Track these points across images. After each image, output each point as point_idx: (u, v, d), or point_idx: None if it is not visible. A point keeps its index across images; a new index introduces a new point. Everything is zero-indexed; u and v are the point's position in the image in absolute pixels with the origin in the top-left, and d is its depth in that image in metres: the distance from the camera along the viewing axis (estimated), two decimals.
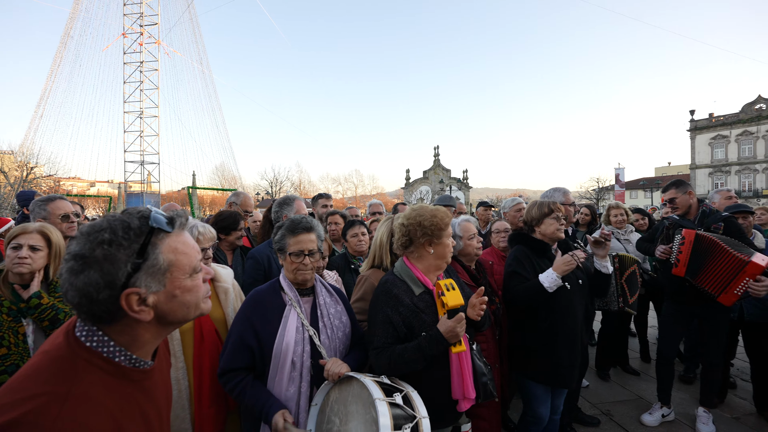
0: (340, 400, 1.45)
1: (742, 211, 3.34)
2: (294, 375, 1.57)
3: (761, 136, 37.91)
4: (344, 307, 1.79)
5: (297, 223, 1.67)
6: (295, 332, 1.59)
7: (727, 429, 3.08)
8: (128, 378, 0.79)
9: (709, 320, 3.01)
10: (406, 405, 1.31)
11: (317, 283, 1.75)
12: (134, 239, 0.74)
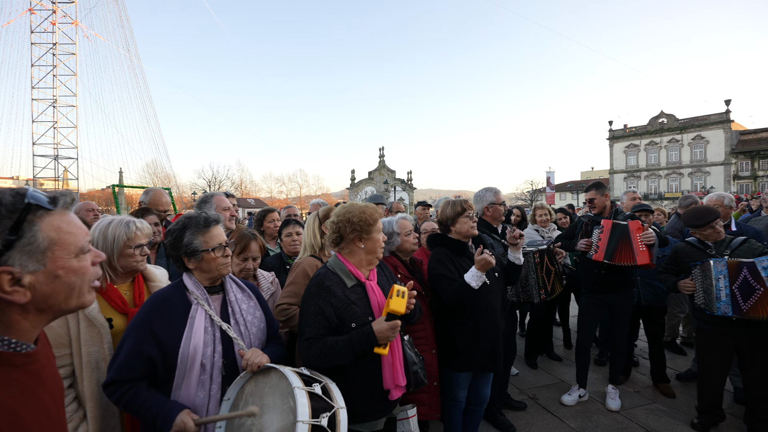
0: (255, 392, 1.42)
1: (643, 209, 3.84)
2: (204, 378, 1.47)
3: (663, 146, 43.21)
4: (257, 302, 1.74)
5: (205, 218, 1.58)
6: (204, 332, 1.49)
7: (631, 401, 3.49)
8: (12, 364, 0.73)
9: (616, 307, 3.39)
10: (324, 396, 1.33)
11: (226, 279, 1.67)
12: (6, 215, 0.70)
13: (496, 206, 3.17)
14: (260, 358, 1.46)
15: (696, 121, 41.25)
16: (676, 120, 42.68)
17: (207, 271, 1.57)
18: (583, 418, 3.26)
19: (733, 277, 2.79)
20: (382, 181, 35.01)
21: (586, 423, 3.19)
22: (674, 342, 4.77)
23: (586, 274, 3.51)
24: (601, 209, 3.48)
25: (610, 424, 3.16)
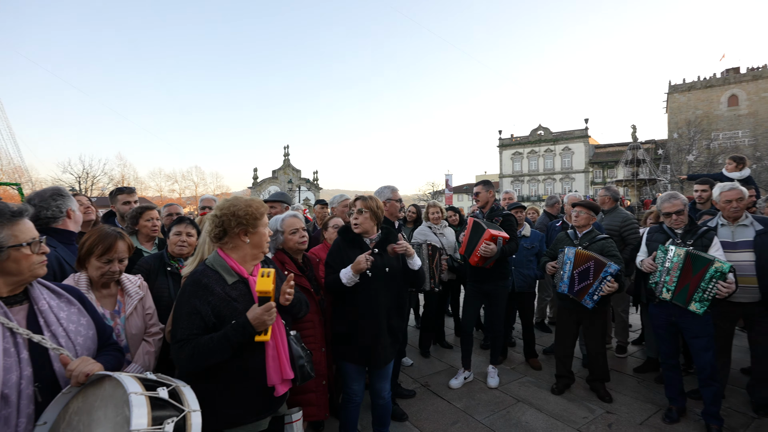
0: (83, 408, 1.21)
1: (516, 207, 4.36)
2: (7, 413, 1.18)
3: (541, 154, 49.84)
4: (82, 307, 1.48)
5: (10, 208, 1.31)
6: (2, 355, 1.19)
7: (507, 377, 3.93)
8: None
9: (492, 295, 3.77)
10: (173, 399, 1.20)
11: (33, 284, 1.38)
12: None
13: (393, 202, 3.31)
14: (89, 366, 1.25)
15: (565, 134, 48.44)
16: (551, 133, 49.57)
17: (15, 273, 1.28)
18: (467, 398, 3.56)
19: (577, 264, 3.33)
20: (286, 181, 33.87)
21: (470, 402, 3.49)
22: (543, 322, 5.52)
23: (467, 265, 3.86)
24: (484, 203, 3.85)
25: (489, 400, 3.51)
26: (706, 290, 2.75)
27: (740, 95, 41.63)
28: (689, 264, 2.83)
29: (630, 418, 3.18)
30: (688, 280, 2.83)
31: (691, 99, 43.78)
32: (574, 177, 47.03)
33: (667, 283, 2.93)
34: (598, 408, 3.33)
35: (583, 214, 3.51)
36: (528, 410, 3.33)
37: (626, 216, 4.33)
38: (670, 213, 3.06)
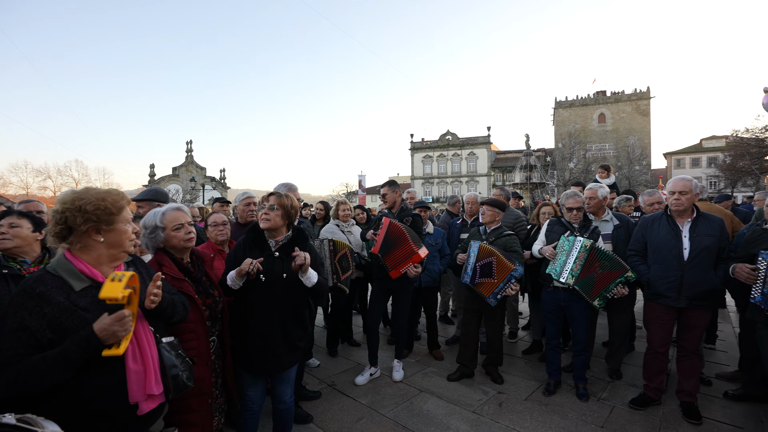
0: None
1: (422, 206, 4.52)
2: None
3: (449, 158, 53.21)
4: None
5: None
6: None
7: (412, 370, 4.07)
8: None
9: (398, 292, 3.87)
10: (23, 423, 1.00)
11: None
12: None
13: None
14: None
15: (470, 140, 52.38)
16: (458, 138, 53.16)
17: None
18: (373, 393, 3.59)
19: (480, 257, 3.57)
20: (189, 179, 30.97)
21: (375, 397, 3.52)
22: (446, 315, 5.84)
23: (374, 263, 3.90)
24: (391, 204, 3.92)
25: (394, 393, 3.58)
26: (609, 291, 3.14)
27: (607, 114, 49.30)
28: (595, 257, 3.15)
29: (517, 395, 3.51)
30: (592, 272, 3.15)
31: (572, 114, 50.61)
32: (478, 180, 51.09)
33: (573, 270, 3.19)
34: (491, 390, 3.62)
35: (488, 211, 3.77)
36: (430, 399, 3.47)
37: (518, 214, 4.82)
38: (572, 208, 3.45)
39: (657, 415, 3.12)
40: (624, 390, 3.54)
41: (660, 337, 3.14)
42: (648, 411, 3.18)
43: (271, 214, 2.31)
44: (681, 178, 3.02)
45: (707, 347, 4.42)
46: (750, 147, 30.95)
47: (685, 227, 3.00)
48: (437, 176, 53.88)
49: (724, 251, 2.88)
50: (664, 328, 3.11)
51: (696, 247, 2.90)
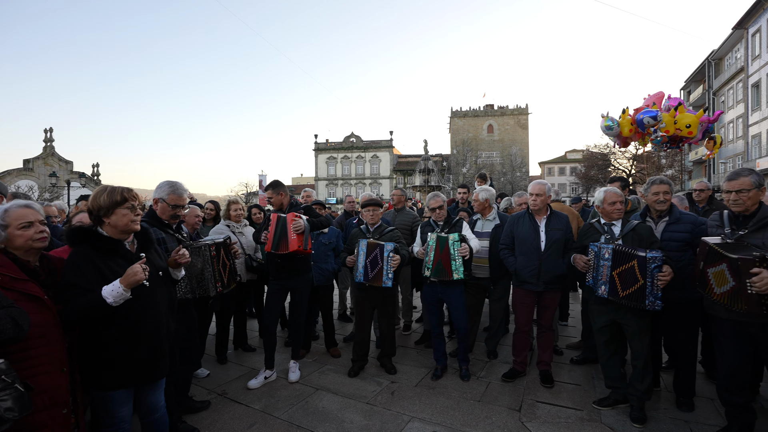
0: None
1: (317, 203, 4.56)
2: None
3: (353, 160, 53.93)
4: None
5: None
6: None
7: (309, 370, 4.05)
8: None
9: (295, 290, 3.84)
10: None
11: None
12: None
13: (164, 203, 2.89)
14: None
15: (373, 143, 53.81)
16: (362, 141, 54.17)
17: None
18: (267, 397, 3.48)
19: (368, 253, 3.72)
20: (47, 173, 25.95)
21: (270, 400, 3.42)
22: (345, 313, 5.94)
23: (270, 262, 3.81)
24: (278, 206, 3.84)
25: (290, 395, 3.53)
26: (456, 258, 3.51)
27: (494, 125, 55.19)
28: (438, 245, 3.55)
29: (408, 382, 3.74)
30: (439, 257, 3.54)
31: (465, 124, 55.45)
32: (381, 182, 52.73)
33: (428, 263, 3.58)
34: (385, 380, 3.79)
35: (368, 212, 3.94)
36: (326, 396, 3.50)
37: (414, 215, 5.19)
38: (434, 208, 3.78)
39: (522, 385, 3.63)
40: (499, 367, 4.02)
41: (525, 318, 3.66)
42: (516, 382, 3.68)
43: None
44: (537, 182, 3.58)
45: (562, 324, 5.27)
46: (598, 160, 37.77)
47: (542, 223, 3.55)
48: (341, 178, 54.17)
49: (568, 243, 3.49)
50: (528, 310, 3.64)
51: (550, 240, 3.46)
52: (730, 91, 28.96)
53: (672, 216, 3.15)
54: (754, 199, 2.49)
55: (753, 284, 2.18)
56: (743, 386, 2.66)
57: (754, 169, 2.57)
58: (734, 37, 27.44)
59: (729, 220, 2.60)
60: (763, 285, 2.15)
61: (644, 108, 8.40)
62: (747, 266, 2.22)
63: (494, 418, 3.08)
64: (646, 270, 2.73)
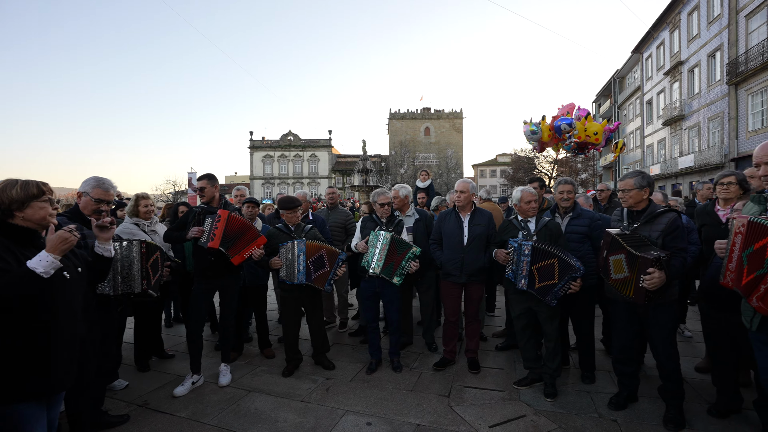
0: None
1: (250, 201, 4.43)
2: None
3: (291, 159, 52.67)
4: None
5: None
6: None
7: (241, 372, 3.91)
8: None
9: (225, 290, 3.71)
10: None
11: None
12: None
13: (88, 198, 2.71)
14: None
15: (312, 142, 53.00)
16: (300, 139, 53.07)
17: None
18: (195, 403, 3.31)
19: (309, 254, 3.69)
20: None
21: (198, 407, 3.26)
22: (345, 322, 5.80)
23: (198, 261, 3.63)
24: (210, 198, 3.69)
25: (220, 399, 3.39)
26: (404, 268, 3.63)
27: (431, 128, 57.14)
28: (394, 247, 3.63)
29: (344, 377, 3.78)
30: (393, 260, 3.64)
31: (403, 126, 56.71)
32: (319, 182, 52.10)
33: (378, 260, 3.64)
34: (320, 377, 3.80)
35: (288, 214, 3.90)
36: (259, 397, 3.42)
37: (348, 213, 5.23)
38: (383, 204, 3.86)
39: (452, 372, 3.85)
40: (431, 358, 4.21)
41: (452, 309, 3.89)
42: (446, 370, 3.89)
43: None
44: (462, 180, 3.84)
45: (489, 315, 5.66)
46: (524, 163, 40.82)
47: (465, 219, 3.80)
48: (278, 177, 52.59)
49: (491, 238, 3.77)
50: (454, 301, 3.87)
51: (472, 235, 3.72)
52: (631, 106, 32.99)
53: (575, 212, 3.57)
54: (635, 197, 2.89)
55: (646, 280, 2.51)
56: (632, 358, 3.11)
57: (642, 172, 2.98)
58: (632, 59, 31.31)
59: (627, 215, 3.00)
60: (653, 283, 2.48)
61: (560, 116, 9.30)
62: (645, 264, 2.52)
63: (425, 405, 3.23)
64: (566, 275, 3.04)
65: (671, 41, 24.80)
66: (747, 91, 17.70)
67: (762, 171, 2.01)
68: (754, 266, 1.85)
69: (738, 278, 1.94)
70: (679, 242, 2.72)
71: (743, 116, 18.13)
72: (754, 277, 1.85)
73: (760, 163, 2.01)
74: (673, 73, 24.58)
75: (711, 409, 2.99)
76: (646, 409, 3.09)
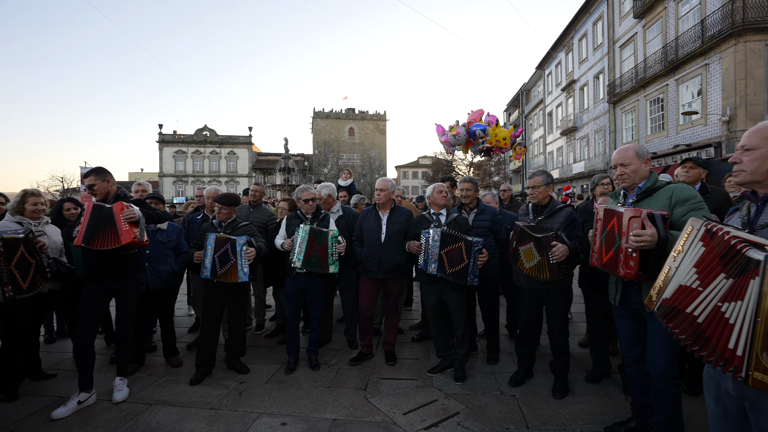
0: None
1: (153, 197, 4.06)
2: None
3: (207, 156, 49.02)
4: None
5: None
6: None
7: (141, 385, 3.54)
8: None
9: (120, 294, 3.33)
10: None
11: None
12: None
13: None
14: None
15: (230, 139, 49.91)
16: (217, 135, 49.62)
17: None
18: (81, 425, 2.91)
19: (217, 248, 3.50)
20: None
21: (84, 428, 2.87)
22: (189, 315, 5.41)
23: (86, 262, 3.25)
24: (103, 196, 3.28)
25: (113, 417, 3.02)
26: (333, 253, 3.65)
27: (355, 129, 57.44)
28: (312, 238, 3.60)
29: (259, 380, 3.63)
30: (315, 251, 3.60)
31: (328, 125, 56.18)
32: (239, 180, 49.28)
33: (298, 254, 3.58)
34: (232, 382, 3.60)
35: (224, 210, 3.71)
36: (161, 410, 3.13)
37: (270, 212, 5.06)
38: (308, 200, 3.81)
39: (369, 366, 3.92)
40: (351, 354, 4.23)
41: (367, 304, 3.96)
42: (363, 364, 3.95)
43: None
44: (382, 179, 3.95)
45: (407, 309, 5.88)
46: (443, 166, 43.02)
47: (384, 217, 3.91)
48: (192, 174, 48.56)
49: (408, 234, 3.92)
50: (370, 296, 3.95)
51: (390, 232, 3.84)
52: (535, 117, 36.68)
53: (479, 208, 3.88)
54: (543, 193, 3.25)
55: (553, 254, 2.87)
56: (534, 339, 3.49)
57: (546, 171, 3.36)
58: (537, 75, 34.86)
59: (532, 210, 3.33)
60: (560, 254, 2.86)
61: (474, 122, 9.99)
62: (548, 241, 2.90)
63: (342, 400, 3.25)
64: (471, 252, 3.29)
65: (567, 62, 28.12)
66: (622, 109, 20.79)
67: (618, 171, 2.40)
68: (610, 244, 2.22)
69: (600, 257, 2.30)
70: (576, 231, 3.13)
71: (620, 130, 21.25)
72: (613, 253, 2.19)
73: (616, 165, 2.40)
74: (568, 90, 27.87)
75: (588, 376, 3.50)
76: (539, 382, 3.47)
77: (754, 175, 1.47)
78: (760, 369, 1.14)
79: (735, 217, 1.59)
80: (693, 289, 1.38)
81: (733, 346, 1.20)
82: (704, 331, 1.30)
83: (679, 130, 16.28)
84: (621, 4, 20.61)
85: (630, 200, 2.40)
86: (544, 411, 3.02)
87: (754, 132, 1.49)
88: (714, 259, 1.33)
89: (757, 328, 1.14)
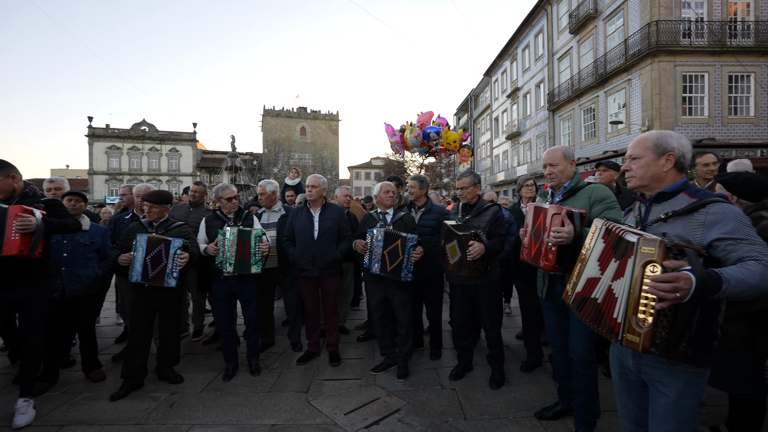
0: None
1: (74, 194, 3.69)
2: None
3: (145, 153, 45.70)
4: None
5: None
6: None
7: (52, 404, 3.19)
8: None
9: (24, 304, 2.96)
10: None
11: None
12: None
13: None
14: None
15: (173, 135, 46.91)
16: (157, 131, 46.40)
17: None
18: None
19: (150, 249, 3.26)
20: None
21: None
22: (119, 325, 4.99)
23: None
24: (8, 193, 2.92)
25: None
26: (256, 253, 3.52)
27: (307, 128, 56.43)
28: (240, 239, 3.46)
29: (193, 390, 3.42)
30: (243, 252, 3.47)
31: (278, 124, 54.69)
32: (181, 179, 46.47)
33: (229, 258, 3.43)
34: (163, 394, 3.35)
35: (155, 209, 3.46)
36: (77, 430, 2.84)
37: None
38: (231, 198, 3.63)
39: (313, 367, 3.84)
40: (295, 357, 4.11)
41: (311, 303, 3.89)
42: (308, 364, 3.87)
43: None
44: (313, 175, 3.91)
45: (354, 309, 5.85)
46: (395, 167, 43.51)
47: (316, 214, 3.87)
48: (128, 172, 45.00)
49: (342, 231, 3.90)
50: (312, 295, 3.89)
51: (323, 228, 3.81)
52: (483, 121, 38.23)
53: (426, 207, 3.95)
54: (471, 193, 3.37)
55: (470, 252, 2.99)
56: (468, 333, 3.59)
57: (473, 171, 3.49)
58: (484, 81, 36.35)
59: (461, 209, 3.44)
60: (475, 253, 3.00)
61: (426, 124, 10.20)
62: (467, 240, 3.04)
63: (282, 404, 3.15)
64: (405, 248, 3.33)
65: (511, 70, 29.62)
66: (560, 117, 22.29)
67: (547, 170, 2.56)
68: (537, 238, 2.36)
69: (530, 251, 2.44)
70: (500, 229, 3.28)
71: (558, 136, 22.76)
72: (537, 247, 2.33)
73: (546, 164, 2.56)
74: (512, 97, 29.36)
75: (522, 366, 3.68)
76: (478, 375, 3.60)
77: (642, 180, 1.66)
78: (630, 331, 1.36)
79: (630, 216, 1.81)
80: (597, 279, 1.57)
81: (616, 315, 1.42)
82: (601, 308, 1.51)
83: (608, 138, 17.77)
84: (559, 19, 22.11)
85: (557, 198, 2.57)
86: (481, 402, 3.13)
87: (637, 143, 1.69)
88: (609, 250, 1.54)
89: (630, 298, 1.37)
